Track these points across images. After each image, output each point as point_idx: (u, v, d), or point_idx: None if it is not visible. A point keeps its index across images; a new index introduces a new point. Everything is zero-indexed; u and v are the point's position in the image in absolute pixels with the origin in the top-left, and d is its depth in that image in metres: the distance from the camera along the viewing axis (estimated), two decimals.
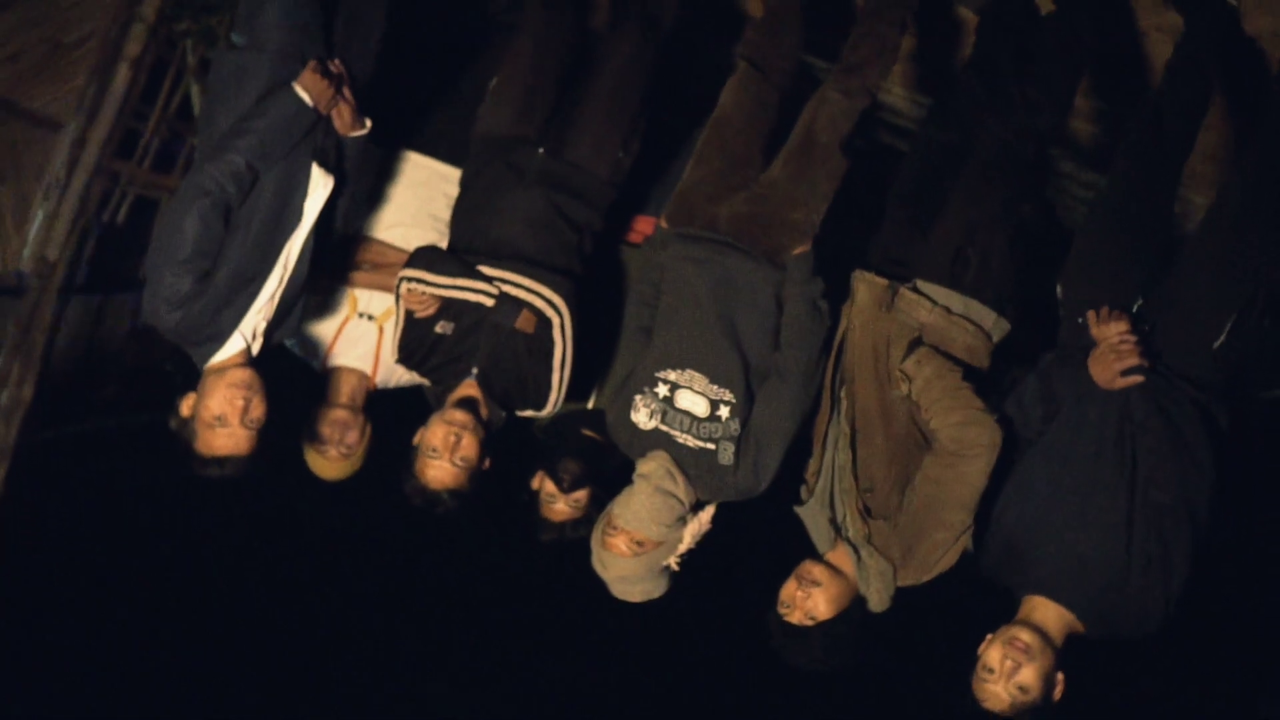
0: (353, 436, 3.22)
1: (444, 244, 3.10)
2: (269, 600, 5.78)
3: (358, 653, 5.88)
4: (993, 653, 2.39)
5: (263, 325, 2.82)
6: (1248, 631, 4.83)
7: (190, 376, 4.04)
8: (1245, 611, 4.66)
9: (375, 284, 3.29)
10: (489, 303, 2.83)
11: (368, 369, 3.30)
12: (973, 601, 2.70)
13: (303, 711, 5.68)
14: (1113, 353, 2.46)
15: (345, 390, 3.27)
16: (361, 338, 3.29)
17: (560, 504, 3.09)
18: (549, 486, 3.08)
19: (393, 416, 3.20)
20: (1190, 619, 2.49)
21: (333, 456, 3.23)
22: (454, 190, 3.28)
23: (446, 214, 3.30)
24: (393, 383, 3.34)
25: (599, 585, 2.89)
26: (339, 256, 3.18)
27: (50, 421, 4.61)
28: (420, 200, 3.33)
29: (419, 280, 2.83)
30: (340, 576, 5.90)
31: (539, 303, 2.82)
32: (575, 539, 3.11)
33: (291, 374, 3.26)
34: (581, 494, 3.09)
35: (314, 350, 3.31)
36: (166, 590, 5.56)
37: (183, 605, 5.60)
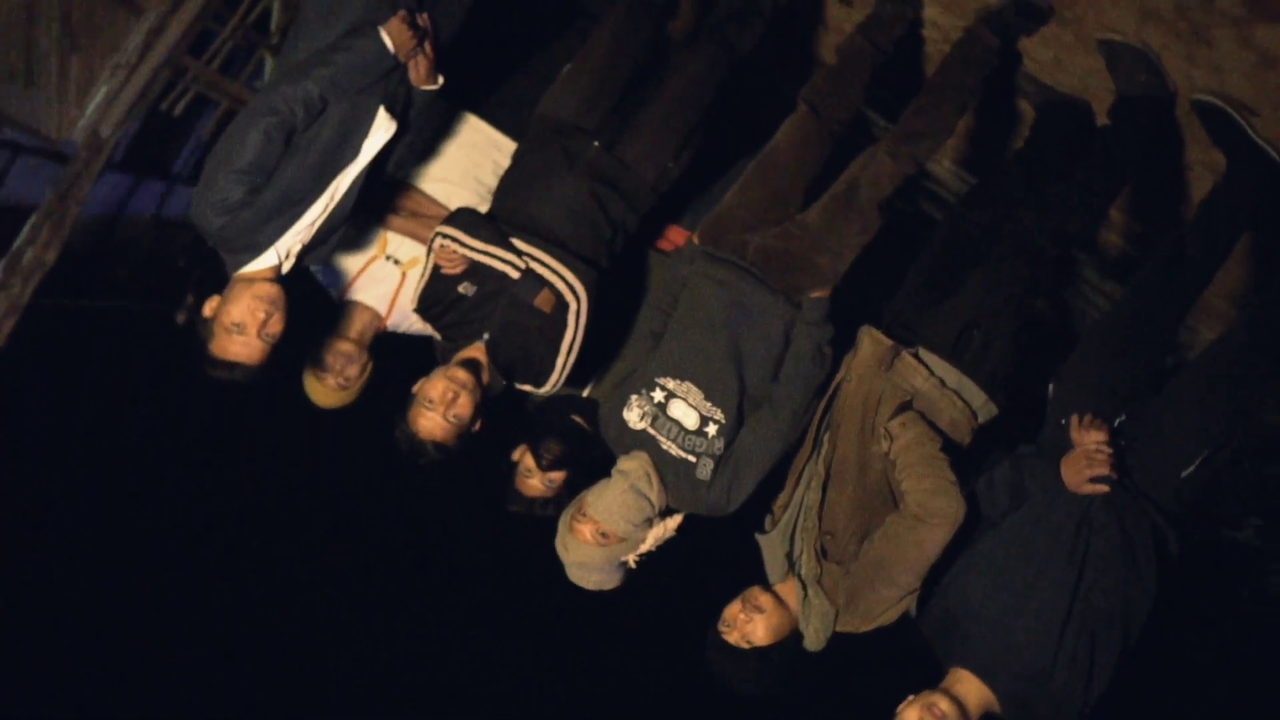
0: (353, 370, 3.32)
1: (483, 208, 3.19)
2: (243, 495, 5.80)
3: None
4: (910, 713, 2.48)
5: (298, 248, 2.90)
6: None
7: (204, 277, 4.15)
8: None
9: (408, 231, 3.38)
10: (514, 275, 2.91)
11: (382, 310, 3.39)
12: (902, 662, 2.78)
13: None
14: (1086, 459, 2.55)
15: (357, 325, 3.37)
16: (384, 279, 3.39)
17: (536, 480, 3.17)
18: (529, 461, 3.17)
19: (400, 361, 3.28)
20: None
21: (330, 385, 3.32)
22: (503, 159, 3.38)
23: (490, 180, 3.40)
24: (403, 328, 3.44)
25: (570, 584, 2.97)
26: (382, 198, 3.27)
27: (61, 290, 4.67)
28: (469, 162, 3.42)
29: (454, 239, 2.91)
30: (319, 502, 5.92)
31: (561, 285, 2.91)
32: (542, 516, 3.20)
33: (312, 297, 3.35)
34: (558, 475, 3.17)
35: (336, 280, 3.41)
36: (142, 471, 5.57)
37: (153, 485, 5.61)
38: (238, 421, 5.57)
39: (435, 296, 3.02)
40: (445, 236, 2.93)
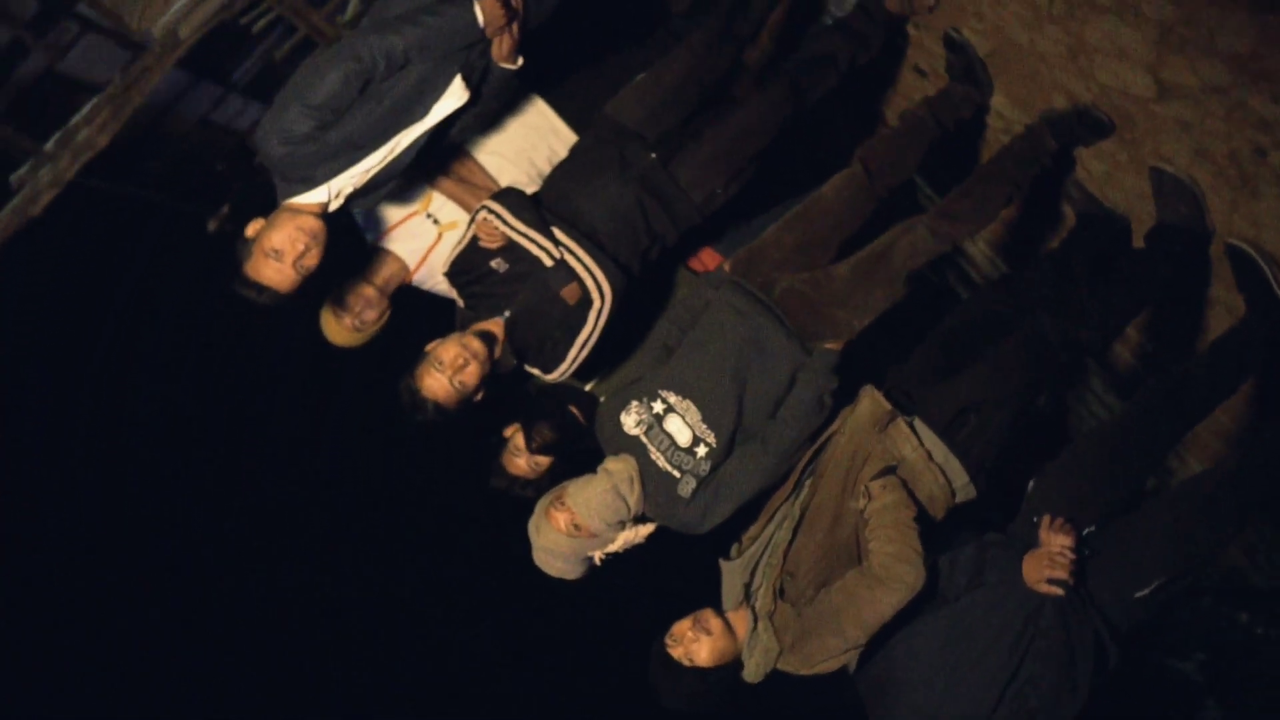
0: (370, 315, 3.41)
1: (529, 189, 3.26)
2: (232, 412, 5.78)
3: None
4: None
5: (349, 190, 2.98)
6: None
7: (245, 193, 4.23)
8: None
9: (454, 194, 3.46)
10: (547, 262, 2.98)
11: (411, 264, 3.47)
12: (833, 712, 2.85)
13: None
14: (1049, 560, 2.62)
15: (384, 273, 3.45)
16: (420, 235, 3.47)
17: (522, 460, 3.26)
18: (519, 440, 3.26)
19: (422, 317, 3.36)
20: None
21: (346, 325, 3.41)
22: (559, 147, 3.46)
23: (543, 163, 3.48)
24: (427, 285, 3.52)
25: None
26: (436, 158, 3.35)
27: (97, 172, 4.73)
28: (527, 142, 3.50)
29: (499, 215, 2.99)
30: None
31: (589, 282, 2.98)
32: (521, 496, 3.28)
33: (348, 234, 3.43)
34: (544, 460, 3.26)
35: (375, 226, 3.49)
36: (140, 359, 5.55)
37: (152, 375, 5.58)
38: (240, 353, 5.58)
39: (467, 265, 3.09)
40: (491, 212, 3.01)
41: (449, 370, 2.94)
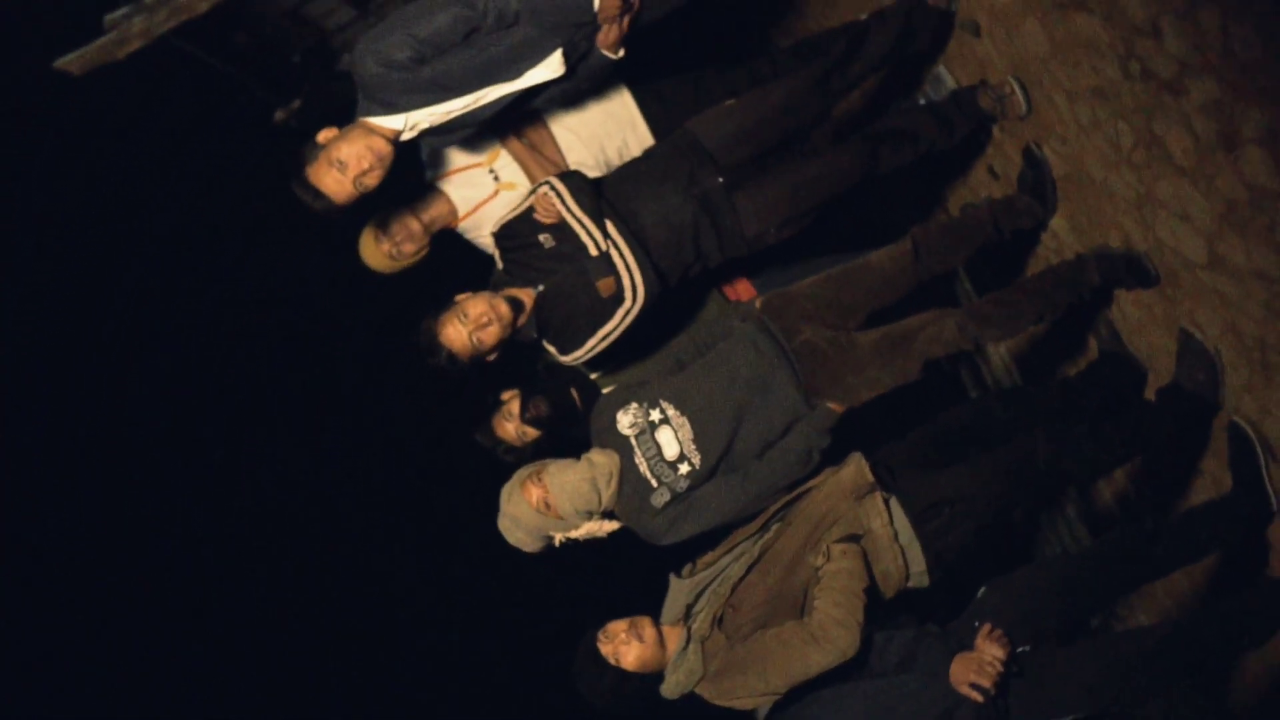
0: (409, 247, 3.49)
1: (591, 174, 3.34)
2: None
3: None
4: None
5: (424, 125, 3.05)
6: None
7: (315, 91, 4.29)
8: None
9: (520, 157, 3.53)
10: (593, 251, 3.06)
11: (461, 211, 3.55)
12: None
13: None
14: (978, 665, 2.69)
15: (433, 211, 3.53)
16: (478, 186, 3.54)
17: (511, 426, 3.34)
18: (514, 406, 3.35)
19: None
20: None
21: (383, 249, 3.49)
22: (633, 142, 3.53)
23: (612, 153, 3.55)
24: (470, 235, 3.60)
25: None
26: (514, 119, 3.42)
27: (191, 36, 4.77)
28: (603, 129, 3.57)
29: (560, 194, 3.08)
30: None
31: (626, 280, 3.07)
32: (500, 459, 3.37)
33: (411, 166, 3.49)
34: (532, 432, 3.34)
35: (437, 165, 3.57)
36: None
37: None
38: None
39: (516, 232, 3.17)
40: (554, 189, 3.09)
41: (471, 325, 3.02)
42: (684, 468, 2.96)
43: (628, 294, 3.07)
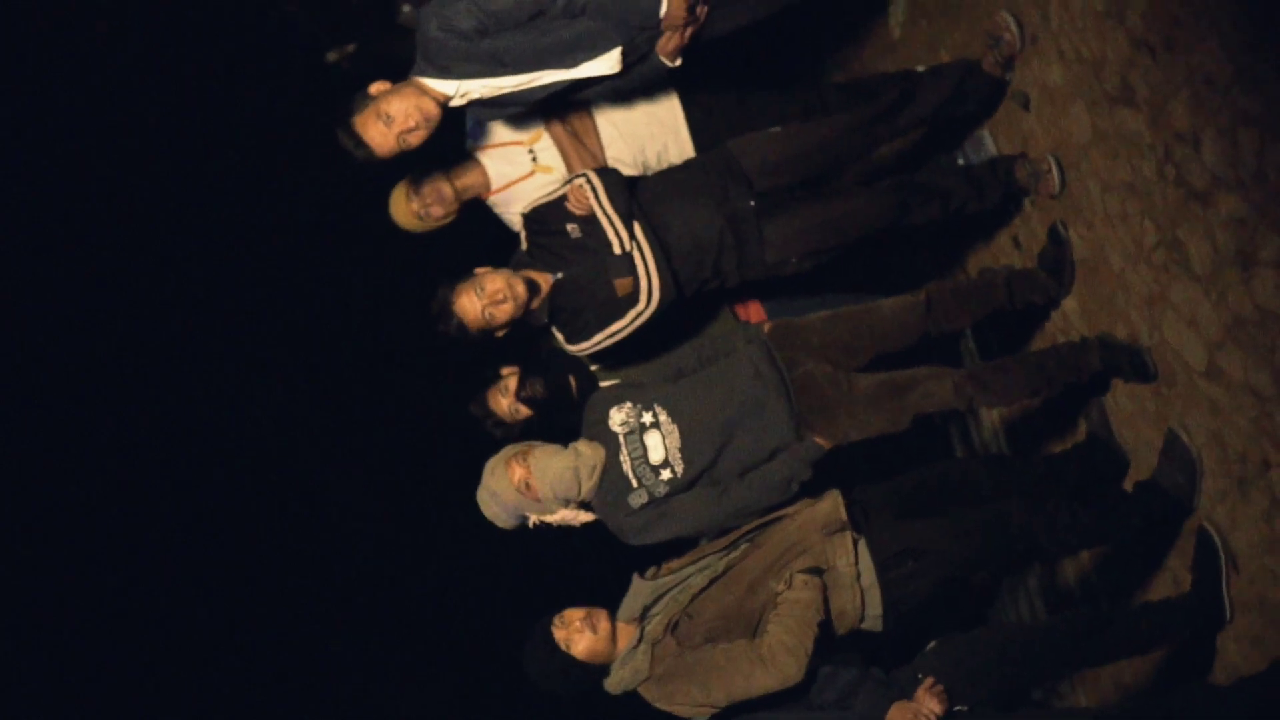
0: (437, 211, 3.54)
1: (627, 173, 3.40)
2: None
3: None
4: None
5: (475, 95, 3.10)
6: None
7: (370, 38, 4.32)
8: None
9: (561, 142, 3.57)
10: (616, 249, 3.13)
11: (495, 185, 3.59)
12: None
13: None
14: (913, 715, 2.74)
15: (467, 179, 3.57)
16: (515, 163, 3.58)
17: (505, 402, 3.40)
18: (511, 383, 3.40)
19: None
20: None
21: (412, 208, 3.54)
22: (674, 149, 3.58)
23: (650, 155, 3.60)
24: (498, 210, 3.64)
25: None
26: (563, 105, 3.47)
27: None
28: (646, 131, 3.60)
29: (594, 189, 3.15)
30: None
31: (644, 284, 3.13)
32: (488, 432, 3.42)
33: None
34: (524, 411, 3.40)
35: (480, 135, 3.61)
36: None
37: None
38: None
39: (545, 217, 3.24)
40: (589, 183, 3.16)
41: (486, 300, 3.09)
42: (666, 474, 3.01)
43: (642, 297, 3.13)
